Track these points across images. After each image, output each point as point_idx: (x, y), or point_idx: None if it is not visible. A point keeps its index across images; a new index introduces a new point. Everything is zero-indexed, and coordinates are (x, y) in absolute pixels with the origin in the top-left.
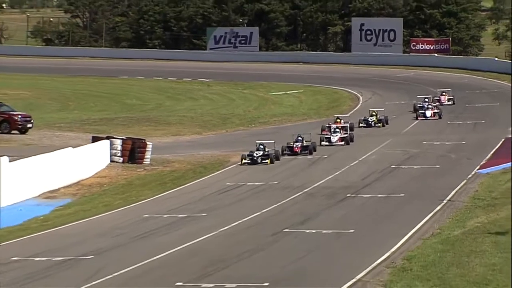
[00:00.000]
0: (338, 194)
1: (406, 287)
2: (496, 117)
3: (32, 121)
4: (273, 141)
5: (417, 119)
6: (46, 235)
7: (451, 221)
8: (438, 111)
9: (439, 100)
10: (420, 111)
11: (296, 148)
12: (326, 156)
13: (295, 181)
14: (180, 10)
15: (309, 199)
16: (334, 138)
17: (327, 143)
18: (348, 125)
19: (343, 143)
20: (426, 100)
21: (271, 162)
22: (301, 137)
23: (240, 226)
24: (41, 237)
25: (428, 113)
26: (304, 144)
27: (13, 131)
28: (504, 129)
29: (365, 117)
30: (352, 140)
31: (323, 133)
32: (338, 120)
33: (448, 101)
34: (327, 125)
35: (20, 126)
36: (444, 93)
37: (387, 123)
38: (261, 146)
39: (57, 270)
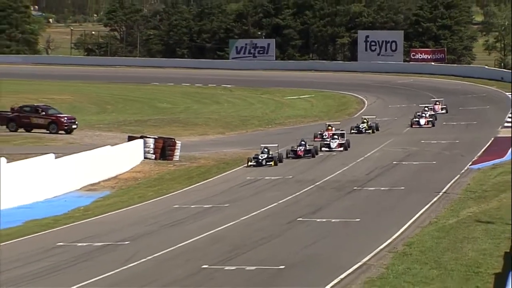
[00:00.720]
0: (346, 187)
1: (407, 270)
2: (486, 119)
3: (76, 122)
4: (277, 145)
5: (411, 126)
6: (87, 223)
7: (446, 211)
8: (431, 119)
9: (433, 109)
10: (414, 119)
11: (299, 151)
12: (334, 154)
13: (308, 176)
14: (204, 23)
15: (320, 191)
16: (333, 144)
17: (327, 149)
18: (344, 131)
19: (341, 149)
20: (426, 109)
21: (275, 164)
22: (304, 141)
23: (259, 216)
24: (83, 225)
25: (422, 121)
26: (307, 148)
27: (60, 131)
28: (493, 129)
29: (357, 124)
30: (349, 146)
31: (315, 139)
32: (330, 128)
33: (441, 109)
34: (319, 132)
35: (66, 127)
36: (437, 102)
37: (377, 130)
38: (266, 149)
39: (97, 254)
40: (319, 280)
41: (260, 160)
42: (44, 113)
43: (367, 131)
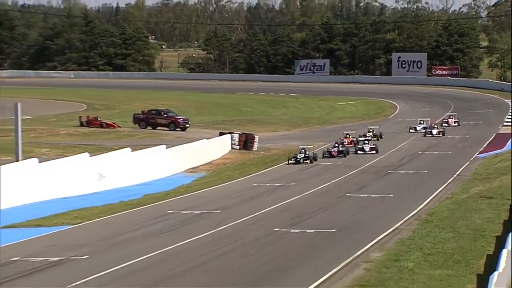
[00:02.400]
0: (382, 171)
1: (429, 233)
2: (490, 119)
3: (189, 122)
4: (311, 146)
5: (425, 136)
6: (189, 197)
7: (459, 189)
8: (443, 130)
9: (447, 122)
10: (428, 129)
11: (333, 152)
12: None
13: (352, 163)
14: (276, 48)
15: (362, 174)
16: (367, 148)
17: (362, 152)
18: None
19: (374, 152)
20: (421, 122)
21: (311, 162)
22: (337, 143)
23: (317, 192)
24: (186, 197)
25: (434, 131)
26: (340, 149)
27: (177, 129)
28: (495, 127)
29: (364, 133)
30: (377, 152)
31: (335, 146)
32: (348, 135)
33: (454, 123)
34: (339, 139)
35: (182, 126)
36: (451, 116)
37: (381, 137)
38: (303, 150)
39: (196, 219)
40: (362, 240)
41: (298, 159)
42: (165, 115)
43: (372, 139)
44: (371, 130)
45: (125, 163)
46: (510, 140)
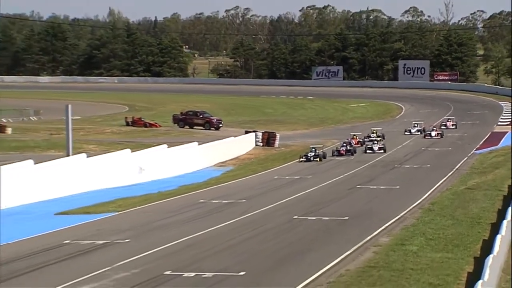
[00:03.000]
0: (389, 165)
1: (431, 220)
2: (485, 119)
3: (222, 122)
4: (321, 146)
5: (424, 137)
6: (218, 188)
7: (458, 181)
8: (441, 132)
9: (445, 125)
10: (427, 131)
11: (342, 151)
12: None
13: (363, 158)
14: (295, 56)
15: (372, 168)
16: (375, 147)
17: (370, 151)
18: (381, 136)
19: (382, 151)
20: (416, 125)
21: (320, 160)
22: (345, 143)
23: (331, 183)
24: (216, 188)
25: (433, 133)
26: (348, 149)
27: (211, 128)
28: (490, 126)
29: (368, 134)
30: (385, 151)
31: (343, 145)
32: (354, 136)
33: (452, 125)
34: (347, 139)
35: (215, 125)
36: (449, 120)
37: (383, 138)
38: (313, 149)
39: (225, 208)
40: (371, 226)
41: (309, 157)
42: (201, 116)
43: (374, 139)
44: (374, 131)
45: (162, 158)
46: (511, 137)
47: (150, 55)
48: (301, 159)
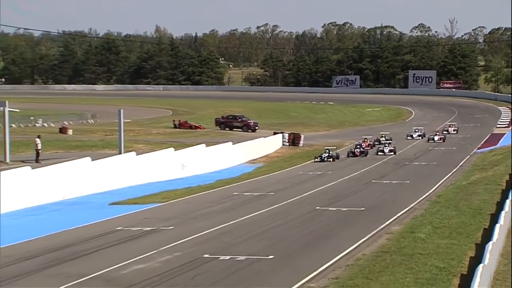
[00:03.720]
0: (400, 162)
1: (437, 211)
2: (486, 122)
3: (258, 125)
4: (335, 147)
5: (428, 141)
6: (250, 182)
7: (461, 177)
8: (443, 136)
9: (447, 131)
10: (430, 136)
11: (356, 152)
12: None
13: (377, 157)
14: (318, 67)
15: (385, 165)
16: (386, 149)
17: (382, 153)
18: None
19: (392, 153)
20: (416, 130)
21: (333, 160)
22: (359, 144)
23: (349, 178)
24: (248, 182)
25: (436, 138)
26: (362, 150)
27: (249, 131)
28: (490, 128)
29: (377, 138)
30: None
31: (357, 147)
32: (365, 139)
33: (454, 131)
34: (357, 143)
35: (252, 128)
36: (451, 125)
37: (391, 140)
38: (327, 150)
39: (256, 199)
40: (385, 216)
41: (323, 158)
42: (240, 119)
43: (385, 142)
44: (383, 135)
45: (201, 155)
46: (511, 137)
47: (191, 66)
48: (315, 160)
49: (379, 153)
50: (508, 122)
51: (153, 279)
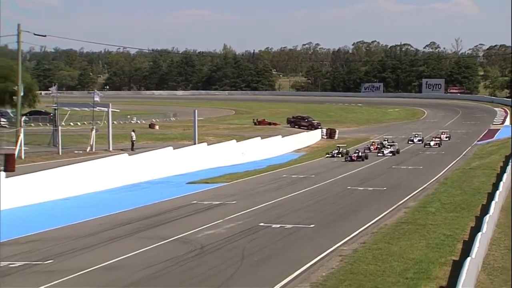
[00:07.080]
0: (414, 152)
1: (445, 190)
2: (484, 120)
3: (320, 124)
4: (345, 145)
5: (424, 147)
6: (296, 167)
7: (464, 163)
8: (439, 141)
9: (439, 137)
10: (426, 142)
11: (353, 157)
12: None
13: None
14: (350, 76)
15: (402, 154)
16: (386, 151)
17: (381, 154)
18: (396, 143)
19: (391, 154)
20: (416, 135)
21: (342, 156)
22: (358, 150)
23: (372, 165)
24: (294, 167)
25: (432, 143)
26: (359, 155)
27: (312, 129)
28: (487, 125)
29: (381, 141)
30: (398, 153)
31: (365, 150)
32: (374, 143)
33: (446, 138)
34: (365, 146)
35: (315, 127)
36: (443, 133)
37: (393, 143)
38: (338, 147)
39: (300, 180)
40: (402, 194)
41: (333, 153)
42: (306, 119)
43: (389, 145)
44: (386, 139)
45: (257, 146)
46: (510, 131)
47: (249, 76)
48: (327, 155)
49: (378, 155)
50: (502, 120)
51: (221, 242)
